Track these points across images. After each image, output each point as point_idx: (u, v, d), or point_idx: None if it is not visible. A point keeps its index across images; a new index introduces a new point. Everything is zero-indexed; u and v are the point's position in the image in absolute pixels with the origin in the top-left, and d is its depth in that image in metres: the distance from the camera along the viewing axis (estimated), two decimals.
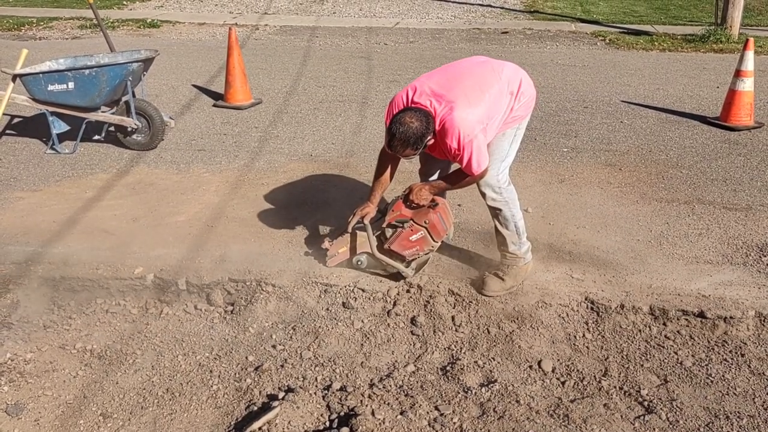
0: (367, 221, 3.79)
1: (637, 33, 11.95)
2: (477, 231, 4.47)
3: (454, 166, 3.76)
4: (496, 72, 3.60)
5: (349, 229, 3.88)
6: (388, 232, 3.82)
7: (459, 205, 4.78)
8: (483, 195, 3.71)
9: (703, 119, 6.87)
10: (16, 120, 6.83)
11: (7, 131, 6.56)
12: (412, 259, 3.86)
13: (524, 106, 3.68)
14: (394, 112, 3.44)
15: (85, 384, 3.36)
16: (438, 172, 3.97)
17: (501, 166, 3.68)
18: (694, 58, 10.08)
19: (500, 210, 3.71)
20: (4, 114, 5.99)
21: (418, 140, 3.34)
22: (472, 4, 15.29)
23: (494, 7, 15.04)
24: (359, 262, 3.95)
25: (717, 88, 7.95)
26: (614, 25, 12.88)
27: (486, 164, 3.45)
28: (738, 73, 6.49)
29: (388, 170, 3.82)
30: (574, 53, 10.47)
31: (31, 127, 6.60)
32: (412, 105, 3.44)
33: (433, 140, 3.44)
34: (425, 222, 3.73)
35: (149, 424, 3.10)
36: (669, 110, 7.24)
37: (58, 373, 3.44)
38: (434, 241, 3.81)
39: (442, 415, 3.05)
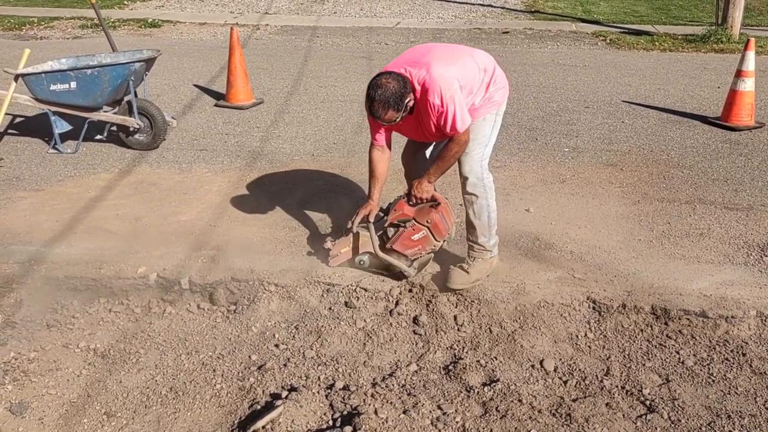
0: (369, 221, 3.80)
1: (638, 33, 11.96)
2: None
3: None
4: (466, 50, 3.74)
5: (354, 229, 3.89)
6: (390, 231, 3.83)
7: (461, 204, 4.78)
8: (465, 180, 3.71)
9: (704, 119, 6.89)
10: (18, 120, 6.84)
11: (10, 131, 6.57)
12: (415, 259, 3.87)
13: (499, 91, 3.73)
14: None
15: (88, 383, 3.37)
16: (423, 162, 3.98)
17: (484, 151, 3.73)
18: (694, 58, 10.09)
19: (477, 197, 3.73)
20: (6, 114, 6.00)
21: (398, 100, 3.35)
22: (473, 4, 15.30)
23: (495, 7, 15.05)
24: (361, 262, 3.96)
25: (718, 88, 7.96)
26: (615, 25, 12.89)
27: (469, 122, 3.47)
28: (739, 74, 6.50)
29: (381, 165, 3.82)
30: (575, 53, 10.48)
31: (33, 127, 6.61)
32: None
33: (413, 101, 3.43)
34: (427, 221, 3.74)
35: (153, 423, 3.11)
36: (670, 110, 7.25)
37: (61, 372, 3.44)
38: (436, 240, 3.82)
39: (444, 414, 3.06)
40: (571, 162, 5.79)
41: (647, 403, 3.15)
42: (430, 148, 3.99)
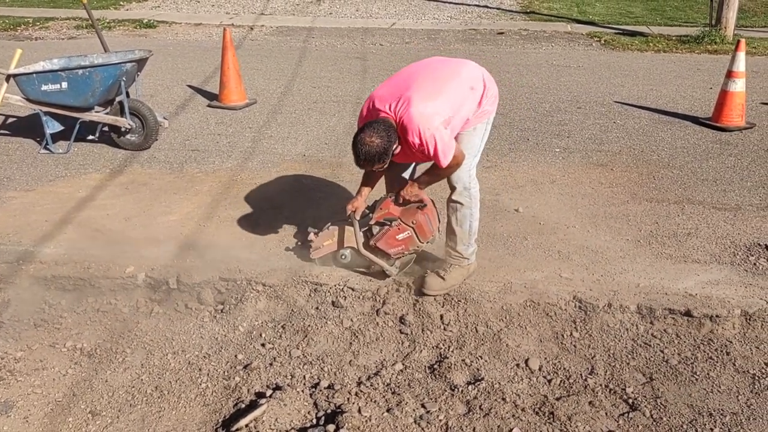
0: (355, 217, 3.80)
1: (633, 34, 11.98)
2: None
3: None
4: (454, 70, 3.64)
5: (338, 224, 3.89)
6: (375, 229, 3.84)
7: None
8: (452, 189, 3.71)
9: (695, 120, 6.91)
10: (10, 120, 6.85)
11: (1, 131, 6.58)
12: (397, 258, 3.88)
13: (490, 101, 3.70)
14: (359, 127, 3.48)
15: (74, 382, 3.38)
16: (402, 176, 3.98)
17: (473, 161, 3.72)
18: (688, 59, 10.11)
19: (461, 205, 3.72)
20: None
21: (383, 155, 3.36)
22: (469, 5, 15.33)
23: (490, 8, 15.08)
24: (343, 257, 3.96)
25: (710, 89, 7.98)
26: (610, 26, 12.92)
27: (452, 155, 3.42)
28: (730, 74, 6.52)
29: (375, 177, 3.84)
30: (570, 54, 10.50)
31: (25, 127, 6.61)
32: (374, 113, 3.47)
33: (399, 147, 3.44)
34: (413, 222, 3.75)
35: (137, 422, 3.11)
36: (662, 111, 7.27)
37: (47, 371, 3.45)
38: (420, 241, 3.83)
39: (428, 412, 3.07)
40: (561, 162, 5.81)
41: (630, 401, 3.17)
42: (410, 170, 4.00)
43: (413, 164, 3.96)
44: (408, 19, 13.95)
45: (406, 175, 3.94)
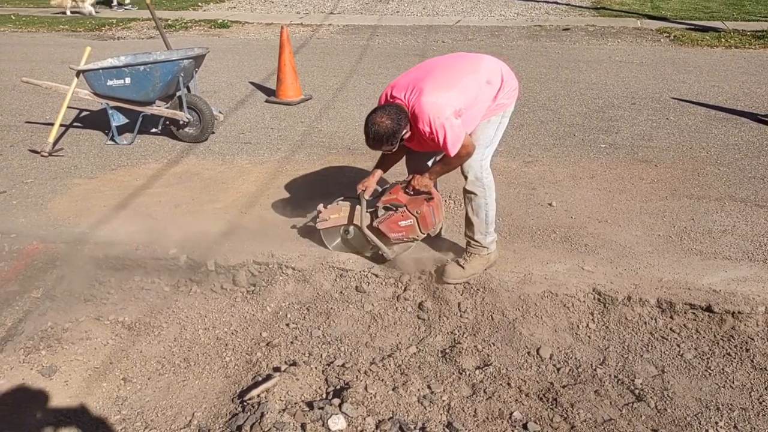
0: (365, 196, 3.96)
1: (705, 29, 11.60)
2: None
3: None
4: (472, 64, 3.75)
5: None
6: (381, 212, 3.98)
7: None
8: (465, 178, 3.80)
9: (754, 116, 6.68)
10: (84, 113, 7.35)
11: (75, 123, 7.08)
12: (396, 243, 4.01)
13: (508, 95, 3.79)
14: None
15: (112, 351, 3.67)
16: (423, 164, 4.09)
17: (485, 151, 3.79)
18: (760, 55, 9.73)
19: (476, 195, 3.80)
20: (71, 108, 6.48)
21: (391, 137, 3.51)
22: (538, 1, 15.18)
23: (560, 3, 14.89)
24: (347, 233, 4.14)
25: None
26: (682, 21, 12.54)
27: (460, 144, 3.53)
28: None
29: (391, 158, 4.00)
30: (635, 50, 10.28)
31: (95, 120, 7.09)
32: (390, 101, 3.62)
33: (409, 133, 3.59)
34: (417, 212, 3.88)
35: (163, 389, 3.37)
36: (720, 107, 7.06)
37: (90, 341, 3.75)
38: (421, 231, 3.97)
39: (432, 392, 3.19)
40: (605, 158, 5.76)
41: (636, 392, 3.18)
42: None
43: (433, 156, 4.07)
44: (474, 16, 13.96)
45: (429, 164, 4.05)
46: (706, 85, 7.99)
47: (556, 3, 15.05)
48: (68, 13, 14.53)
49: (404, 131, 3.57)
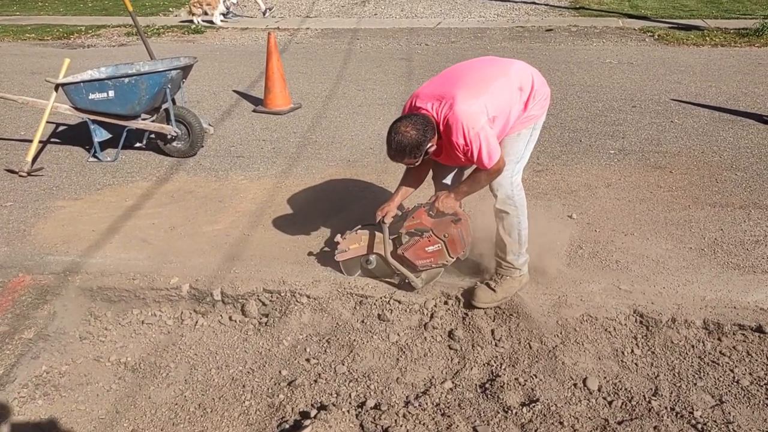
0: (385, 222, 3.66)
1: (688, 28, 11.56)
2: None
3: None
4: (503, 68, 3.46)
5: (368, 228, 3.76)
6: (405, 238, 3.69)
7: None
8: (495, 197, 3.54)
9: (759, 118, 6.55)
10: (60, 128, 6.93)
11: (52, 139, 6.66)
12: (423, 270, 3.72)
13: (539, 104, 3.50)
14: None
15: (118, 398, 3.33)
16: (452, 174, 3.83)
17: (516, 167, 3.52)
18: (748, 53, 9.67)
19: (507, 214, 3.54)
20: (48, 122, 6.08)
21: (415, 149, 3.23)
22: (516, 2, 15.05)
23: (538, 4, 14.77)
24: (368, 263, 3.83)
25: None
26: (663, 20, 12.49)
27: (498, 156, 3.27)
28: None
29: (417, 175, 3.71)
30: (622, 50, 10.16)
31: (74, 136, 6.68)
32: (414, 111, 3.33)
33: (435, 147, 3.31)
34: (445, 235, 3.59)
35: None
36: (722, 109, 6.92)
37: (92, 387, 3.42)
38: (450, 256, 3.66)
39: None
40: (616, 165, 5.55)
41: (699, 426, 2.94)
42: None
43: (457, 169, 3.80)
44: (453, 18, 13.76)
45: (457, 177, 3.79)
46: (702, 85, 7.87)
47: (535, 3, 14.94)
48: (199, 21, 13.65)
49: (429, 144, 3.28)
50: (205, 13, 13.67)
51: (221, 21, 13.64)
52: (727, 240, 4.26)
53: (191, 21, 13.73)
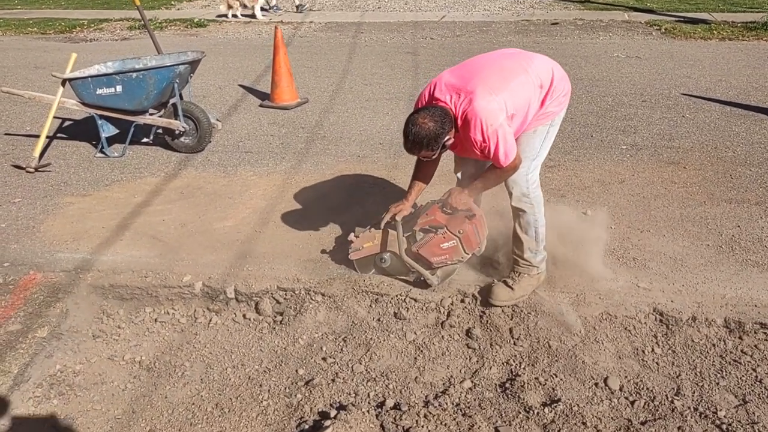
0: (398, 220, 3.61)
1: (694, 21, 11.49)
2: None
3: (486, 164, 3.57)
4: (523, 63, 3.37)
5: (381, 225, 3.71)
6: (419, 235, 3.64)
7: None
8: (510, 194, 3.49)
9: None
10: (66, 123, 6.88)
11: (59, 135, 6.60)
12: (438, 267, 3.68)
13: (557, 101, 3.42)
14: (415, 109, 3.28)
15: (133, 398, 3.29)
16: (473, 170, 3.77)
17: (532, 165, 3.45)
18: (756, 46, 9.61)
19: (524, 212, 3.49)
20: (55, 117, 6.02)
21: (432, 141, 3.16)
22: None
23: None
24: (383, 261, 3.79)
25: None
26: (669, 13, 12.43)
27: (514, 154, 3.21)
28: None
29: (427, 170, 3.64)
30: (629, 44, 10.10)
31: (81, 131, 6.63)
32: (433, 101, 3.27)
33: (452, 140, 3.25)
34: (459, 231, 3.54)
35: None
36: (733, 103, 6.87)
37: (107, 386, 3.38)
38: (465, 252, 3.61)
39: None
40: (629, 160, 5.51)
41: (724, 427, 2.91)
42: None
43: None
44: (458, 11, 13.69)
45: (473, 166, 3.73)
46: (712, 79, 7.81)
47: None
48: (239, 15, 13.58)
49: (447, 137, 3.22)
50: (245, 6, 13.59)
51: (262, 15, 13.54)
52: (744, 237, 4.21)
53: (229, 15, 13.59)
